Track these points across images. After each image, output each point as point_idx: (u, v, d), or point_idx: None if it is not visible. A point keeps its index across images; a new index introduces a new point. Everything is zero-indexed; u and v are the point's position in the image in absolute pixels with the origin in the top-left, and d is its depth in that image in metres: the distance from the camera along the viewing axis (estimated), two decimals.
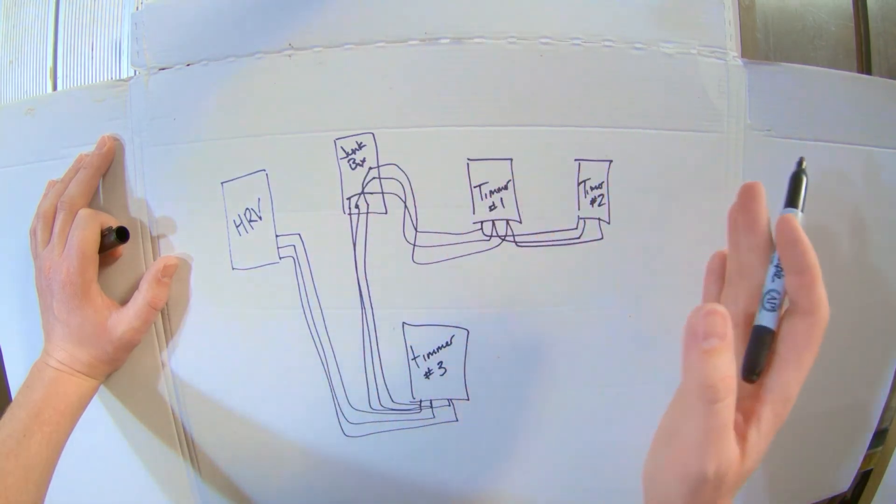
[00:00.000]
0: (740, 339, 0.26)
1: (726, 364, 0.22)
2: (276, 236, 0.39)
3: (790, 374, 0.24)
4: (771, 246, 0.27)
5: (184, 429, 0.43)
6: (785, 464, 0.44)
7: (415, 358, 0.39)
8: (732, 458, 0.23)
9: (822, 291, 0.24)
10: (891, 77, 0.41)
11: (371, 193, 0.37)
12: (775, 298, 0.25)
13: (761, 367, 0.23)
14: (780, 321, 0.25)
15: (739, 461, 0.23)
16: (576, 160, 0.37)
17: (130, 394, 0.43)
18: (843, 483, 0.48)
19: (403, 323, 0.39)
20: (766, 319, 0.25)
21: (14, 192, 0.43)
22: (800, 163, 0.29)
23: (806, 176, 0.28)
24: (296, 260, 0.39)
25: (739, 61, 0.37)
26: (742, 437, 0.24)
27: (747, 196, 0.28)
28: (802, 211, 0.27)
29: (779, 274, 0.25)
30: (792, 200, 0.28)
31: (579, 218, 0.37)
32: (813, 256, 0.24)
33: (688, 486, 0.23)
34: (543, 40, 0.36)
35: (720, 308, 0.23)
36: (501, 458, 0.41)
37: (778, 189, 0.38)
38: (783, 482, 0.45)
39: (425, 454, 0.41)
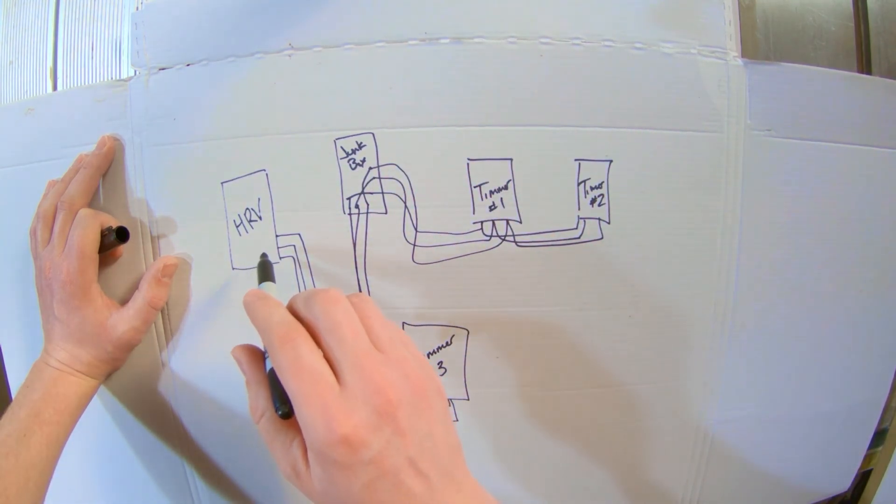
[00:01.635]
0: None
1: (253, 397, 0.28)
2: (277, 236, 0.39)
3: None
4: None
5: (184, 428, 0.43)
6: (785, 464, 0.45)
7: None
8: (290, 463, 0.26)
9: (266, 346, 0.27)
10: (891, 77, 0.41)
11: (371, 193, 0.37)
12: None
13: (284, 402, 0.25)
14: None
15: (305, 469, 0.25)
16: (576, 160, 0.37)
17: (130, 394, 0.43)
18: (843, 483, 0.48)
19: (403, 323, 0.39)
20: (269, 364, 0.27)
21: (14, 192, 0.43)
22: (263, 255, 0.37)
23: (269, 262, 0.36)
24: (296, 260, 0.39)
25: (739, 61, 0.37)
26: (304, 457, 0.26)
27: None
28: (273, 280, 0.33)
29: None
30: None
31: (579, 218, 0.37)
32: (259, 322, 0.27)
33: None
34: (543, 40, 0.36)
35: (236, 352, 0.29)
36: (501, 458, 0.41)
37: (779, 189, 0.39)
38: (783, 482, 0.45)
39: None
